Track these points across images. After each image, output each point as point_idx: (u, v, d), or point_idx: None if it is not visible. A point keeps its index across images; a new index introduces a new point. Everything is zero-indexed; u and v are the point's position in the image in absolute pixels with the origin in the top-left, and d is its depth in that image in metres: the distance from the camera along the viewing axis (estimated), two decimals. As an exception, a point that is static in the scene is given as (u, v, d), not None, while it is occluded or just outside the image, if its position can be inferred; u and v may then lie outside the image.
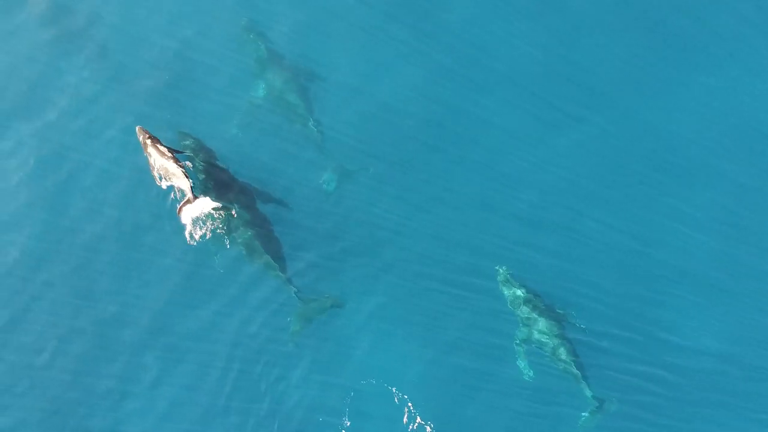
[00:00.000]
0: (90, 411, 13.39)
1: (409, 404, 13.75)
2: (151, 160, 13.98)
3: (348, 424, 13.63)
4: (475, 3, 16.42)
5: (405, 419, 13.71)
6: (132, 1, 15.70)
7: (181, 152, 14.23)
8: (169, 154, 13.78)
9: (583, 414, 13.91)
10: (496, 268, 14.60)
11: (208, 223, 14.07)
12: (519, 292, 14.34)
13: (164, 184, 14.17)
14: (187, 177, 13.69)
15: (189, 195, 13.70)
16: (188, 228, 14.01)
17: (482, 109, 15.73)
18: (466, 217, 15.01)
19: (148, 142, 13.83)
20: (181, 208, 13.83)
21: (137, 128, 13.96)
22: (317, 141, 15.13)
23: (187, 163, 14.25)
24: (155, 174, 14.07)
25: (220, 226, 14.10)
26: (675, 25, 16.64)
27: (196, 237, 14.01)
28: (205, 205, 13.87)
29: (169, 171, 13.84)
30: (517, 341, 14.18)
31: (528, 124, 15.74)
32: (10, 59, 15.03)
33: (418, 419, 13.69)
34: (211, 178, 14.42)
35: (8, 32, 15.19)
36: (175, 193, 14.17)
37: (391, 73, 15.81)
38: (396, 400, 13.77)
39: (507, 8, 16.43)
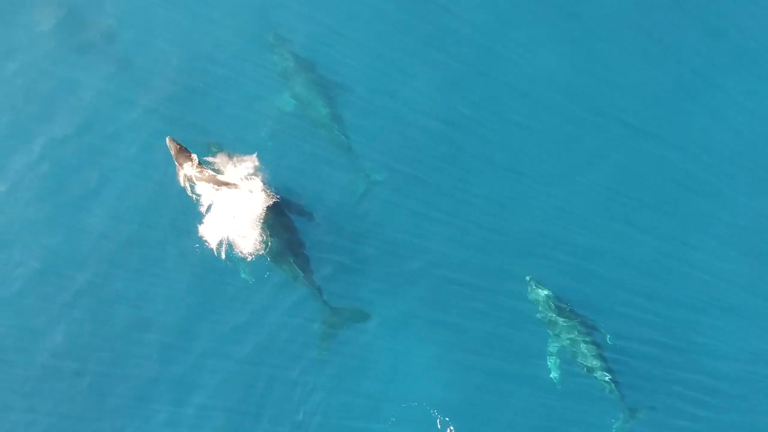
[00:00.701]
0: (123, 419, 13.41)
1: (434, 412, 13.85)
2: (181, 171, 13.95)
3: (381, 432, 13.72)
4: (500, 13, 16.49)
5: (438, 425, 13.81)
6: (154, 12, 15.61)
7: (210, 163, 14.20)
8: (198, 164, 13.80)
9: (614, 421, 14.02)
10: (527, 278, 14.68)
11: (235, 234, 14.02)
12: (549, 299, 14.42)
13: (194, 196, 14.12)
14: (220, 183, 13.81)
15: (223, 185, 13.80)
16: (216, 238, 13.98)
17: (512, 114, 15.83)
18: (496, 223, 15.11)
19: (179, 152, 13.79)
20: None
21: (167, 139, 13.91)
22: (344, 149, 15.14)
23: (216, 173, 14.20)
24: (185, 184, 14.04)
25: (250, 236, 14.05)
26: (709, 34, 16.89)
27: (224, 248, 13.96)
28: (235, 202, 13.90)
29: (198, 180, 13.85)
30: (548, 348, 14.27)
31: (557, 129, 15.86)
32: (32, 72, 14.91)
33: (450, 429, 13.78)
34: (239, 188, 14.33)
35: (29, 45, 15.07)
36: (203, 202, 14.10)
37: (417, 82, 15.83)
38: (426, 409, 13.86)
39: (532, 17, 16.52)
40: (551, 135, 15.81)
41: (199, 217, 14.02)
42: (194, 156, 13.83)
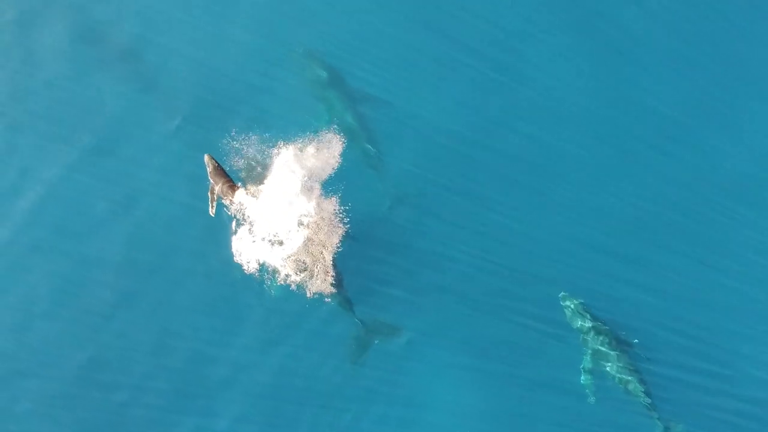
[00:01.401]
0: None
1: (466, 424, 13.86)
2: (214, 189, 13.86)
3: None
4: (530, 30, 16.45)
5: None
6: (180, 27, 15.50)
7: (241, 187, 14.05)
8: (231, 184, 13.75)
9: (653, 445, 14.06)
10: (561, 294, 14.62)
11: (264, 251, 13.81)
12: (582, 315, 14.37)
13: (230, 215, 14.04)
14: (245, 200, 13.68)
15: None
16: (245, 256, 13.78)
17: (555, 137, 15.75)
18: (529, 237, 15.00)
19: (215, 171, 13.75)
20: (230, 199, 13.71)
21: (206, 156, 13.82)
22: (373, 160, 15.04)
23: (246, 190, 14.05)
24: (214, 203, 13.95)
25: (279, 253, 13.87)
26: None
27: (253, 265, 13.79)
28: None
29: (228, 198, 13.80)
30: (582, 364, 14.23)
31: (604, 154, 15.79)
32: (55, 90, 14.86)
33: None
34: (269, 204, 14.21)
35: (52, 61, 15.00)
36: (233, 219, 14.03)
37: (446, 95, 15.74)
38: (458, 422, 13.85)
39: (560, 33, 16.50)
40: (583, 150, 15.70)
41: (228, 235, 13.93)
42: (227, 175, 13.76)
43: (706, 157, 16.02)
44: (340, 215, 13.97)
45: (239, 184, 13.94)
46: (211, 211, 13.98)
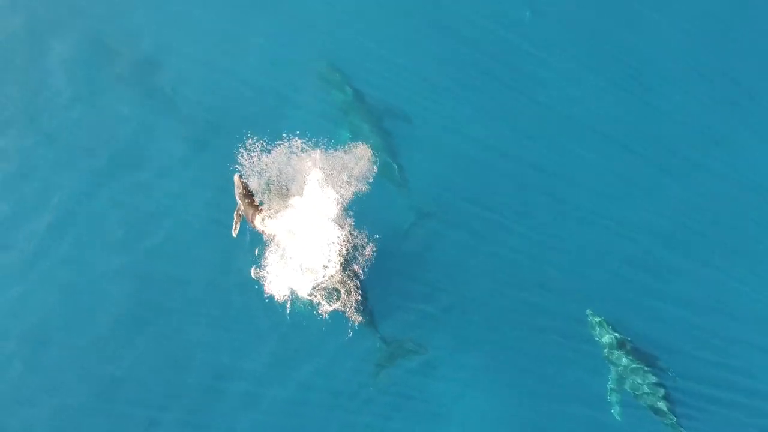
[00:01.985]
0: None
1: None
2: (240, 211, 13.63)
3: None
4: (562, 49, 16.39)
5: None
6: (203, 45, 15.51)
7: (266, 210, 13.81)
8: (258, 208, 13.50)
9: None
10: (587, 311, 14.48)
11: (290, 277, 13.60)
12: (610, 334, 14.21)
13: (258, 236, 13.83)
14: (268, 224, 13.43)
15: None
16: (271, 281, 13.64)
17: (579, 149, 15.69)
18: (554, 257, 14.87)
19: (243, 192, 13.47)
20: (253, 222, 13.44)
21: (236, 177, 13.47)
22: (396, 179, 14.90)
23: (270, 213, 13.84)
24: (237, 225, 13.77)
25: (305, 278, 13.63)
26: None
27: (280, 290, 13.58)
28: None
29: (255, 221, 13.54)
30: (609, 384, 14.08)
31: (629, 166, 15.72)
32: (98, 118, 14.85)
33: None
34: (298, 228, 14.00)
35: (95, 91, 15.03)
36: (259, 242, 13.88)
37: (476, 112, 15.69)
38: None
39: (604, 54, 16.47)
40: (611, 170, 15.65)
41: (250, 256, 13.84)
42: (254, 197, 13.56)
43: (734, 169, 15.93)
44: (366, 233, 13.80)
45: (264, 206, 13.67)
46: (234, 232, 13.78)
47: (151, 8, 15.70)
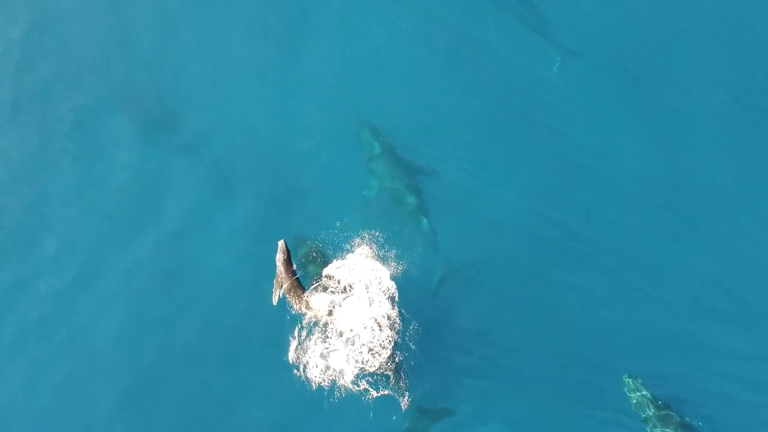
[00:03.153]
0: None
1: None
2: (281, 277, 13.39)
3: None
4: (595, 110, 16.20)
5: None
6: (241, 105, 15.85)
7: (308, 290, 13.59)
8: (298, 282, 13.34)
9: None
10: (625, 376, 14.23)
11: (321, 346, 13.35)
12: (645, 395, 13.85)
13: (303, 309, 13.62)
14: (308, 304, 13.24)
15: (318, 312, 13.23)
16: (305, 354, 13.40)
17: (614, 211, 15.34)
18: (594, 325, 14.40)
19: (286, 260, 13.28)
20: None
21: (281, 242, 13.24)
22: (431, 241, 14.67)
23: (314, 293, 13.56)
24: (277, 292, 13.56)
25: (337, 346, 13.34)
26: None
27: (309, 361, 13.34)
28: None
29: (294, 293, 13.36)
30: None
31: (668, 231, 15.30)
32: (132, 176, 15.27)
33: None
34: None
35: (133, 149, 15.44)
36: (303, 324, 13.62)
37: (508, 170, 15.52)
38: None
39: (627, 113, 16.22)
40: (646, 226, 15.19)
41: (288, 329, 13.63)
42: (295, 272, 13.41)
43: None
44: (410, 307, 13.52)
45: (308, 292, 13.34)
46: (274, 299, 13.43)
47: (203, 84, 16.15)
